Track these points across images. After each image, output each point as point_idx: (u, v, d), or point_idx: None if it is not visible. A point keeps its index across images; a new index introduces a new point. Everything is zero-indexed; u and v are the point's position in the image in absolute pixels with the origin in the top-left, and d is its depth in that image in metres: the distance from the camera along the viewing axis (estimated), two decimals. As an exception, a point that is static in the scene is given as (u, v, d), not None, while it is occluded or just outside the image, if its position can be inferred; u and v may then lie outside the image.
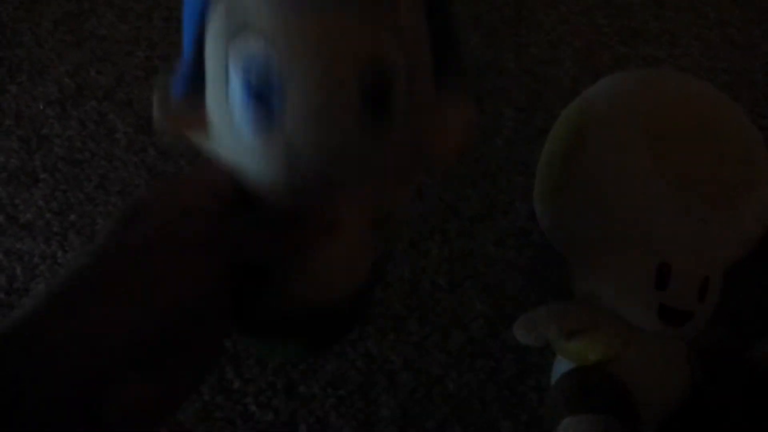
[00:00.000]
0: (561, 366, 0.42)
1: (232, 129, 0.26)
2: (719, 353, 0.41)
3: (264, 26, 0.24)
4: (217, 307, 0.31)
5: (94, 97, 0.57)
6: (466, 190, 0.54)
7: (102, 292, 0.28)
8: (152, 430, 0.30)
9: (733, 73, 0.61)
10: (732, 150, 0.41)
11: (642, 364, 0.40)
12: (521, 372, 0.46)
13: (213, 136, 0.28)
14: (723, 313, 0.41)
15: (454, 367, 0.47)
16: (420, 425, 0.45)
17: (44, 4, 0.63)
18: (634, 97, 0.44)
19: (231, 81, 0.25)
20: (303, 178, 0.27)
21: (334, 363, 0.47)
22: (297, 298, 0.34)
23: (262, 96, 0.25)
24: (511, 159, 0.55)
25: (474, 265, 0.51)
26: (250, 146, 0.26)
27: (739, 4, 0.66)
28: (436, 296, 0.49)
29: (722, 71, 0.62)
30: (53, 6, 0.63)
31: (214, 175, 0.31)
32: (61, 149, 0.55)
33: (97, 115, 0.57)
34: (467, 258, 0.51)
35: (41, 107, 0.57)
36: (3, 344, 0.26)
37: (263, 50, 0.24)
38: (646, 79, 0.46)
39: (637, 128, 0.42)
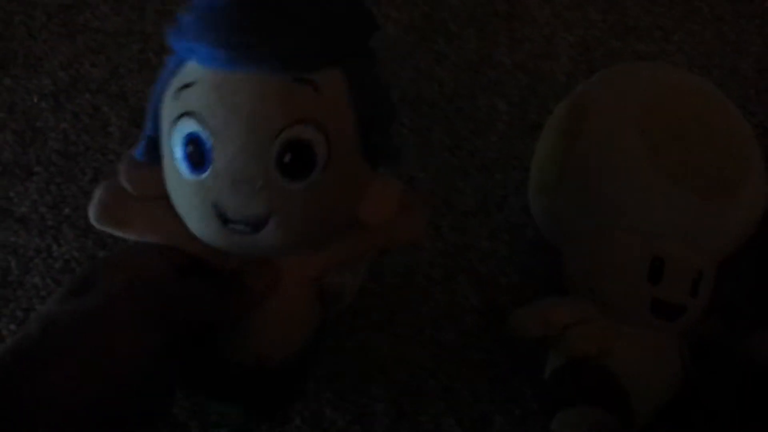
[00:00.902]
0: (554, 360, 0.42)
1: (178, 184, 0.32)
2: (711, 346, 0.42)
3: (200, 108, 0.30)
4: (160, 375, 0.32)
5: (88, 89, 0.57)
6: (459, 184, 0.54)
7: (45, 364, 0.28)
8: None
9: (725, 69, 0.62)
10: (725, 144, 0.42)
11: (634, 358, 0.40)
12: (515, 366, 0.47)
13: (169, 189, 0.33)
14: (715, 306, 0.42)
15: (448, 360, 0.47)
16: (414, 419, 0.45)
17: (37, -4, 0.63)
18: (628, 92, 0.44)
19: (173, 147, 0.31)
20: (233, 233, 0.31)
21: (329, 357, 0.47)
22: (241, 358, 0.36)
23: (198, 161, 0.30)
24: (505, 153, 0.56)
25: (467, 259, 0.51)
26: (191, 199, 0.32)
27: (732, 0, 0.66)
28: (429, 290, 0.50)
29: (714, 67, 0.62)
30: (46, -2, 0.63)
31: (163, 246, 0.34)
32: (56, 142, 0.54)
33: (91, 108, 0.56)
34: (461, 252, 0.51)
35: (35, 100, 0.57)
36: None
37: (198, 126, 0.30)
38: (640, 74, 0.46)
39: (632, 122, 0.42)
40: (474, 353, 0.47)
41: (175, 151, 0.31)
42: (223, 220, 0.31)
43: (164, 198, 0.33)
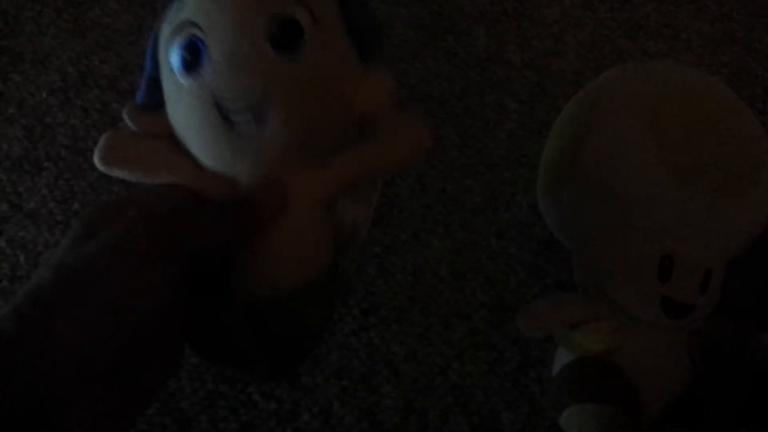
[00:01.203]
0: (562, 357, 0.42)
1: (177, 91, 0.33)
2: (720, 345, 0.42)
3: (191, 16, 0.32)
4: (175, 318, 0.32)
5: (97, 85, 0.57)
6: (468, 182, 0.54)
7: (63, 310, 0.28)
8: None
9: (734, 67, 0.62)
10: (735, 143, 0.41)
11: (643, 355, 0.40)
12: (523, 363, 0.47)
13: (169, 112, 0.34)
14: (724, 305, 0.42)
15: (457, 358, 0.47)
16: (422, 415, 0.45)
17: (46, -8, 0.63)
18: (638, 89, 0.44)
19: (171, 60, 0.32)
20: (232, 119, 0.32)
21: (337, 354, 0.47)
22: (254, 288, 0.35)
23: (193, 63, 0.32)
24: (514, 151, 0.56)
25: (476, 257, 0.51)
26: (188, 100, 0.32)
27: (741, -2, 0.66)
28: (438, 288, 0.50)
29: (723, 65, 0.62)
30: (55, -6, 0.63)
31: (168, 185, 0.34)
32: (65, 138, 0.55)
33: (100, 103, 0.56)
34: (469, 250, 0.51)
35: (44, 96, 0.57)
36: None
37: (191, 32, 0.32)
38: (650, 71, 0.46)
39: (642, 120, 0.42)
40: (483, 351, 0.47)
41: (172, 64, 0.32)
42: (225, 114, 0.32)
43: (170, 137, 0.34)
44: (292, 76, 0.32)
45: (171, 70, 0.32)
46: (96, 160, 0.34)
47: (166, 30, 0.33)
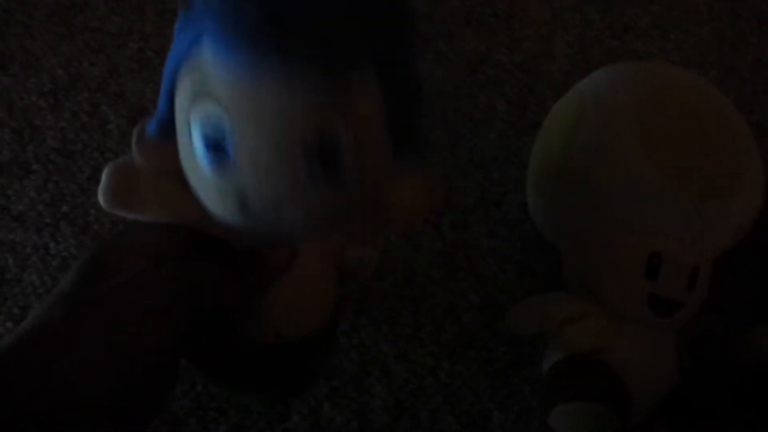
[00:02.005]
0: (552, 355, 0.42)
1: (195, 166, 0.30)
2: (708, 343, 0.42)
3: (219, 93, 0.28)
4: (174, 357, 0.33)
5: (87, 88, 0.57)
6: (458, 182, 0.54)
7: (69, 346, 0.28)
8: None
9: (723, 69, 0.62)
10: (722, 141, 0.42)
11: (632, 353, 0.40)
12: (513, 363, 0.47)
13: (184, 168, 0.31)
14: (712, 303, 0.42)
15: (447, 357, 0.47)
16: (413, 415, 0.45)
17: (36, -5, 0.63)
18: (626, 89, 0.44)
19: (192, 131, 0.29)
20: (253, 219, 0.30)
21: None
22: (261, 336, 0.35)
23: (217, 146, 0.28)
24: (504, 151, 0.56)
25: (467, 256, 0.51)
26: (208, 183, 0.30)
27: (730, 0, 0.67)
28: (429, 288, 0.50)
29: (711, 66, 0.62)
30: (45, -3, 0.63)
31: (172, 225, 0.33)
32: (54, 141, 0.55)
33: (90, 106, 0.56)
34: (460, 250, 0.51)
35: (33, 99, 0.57)
36: None
37: (217, 112, 0.28)
38: (638, 71, 0.47)
39: (629, 119, 0.42)
40: (473, 350, 0.47)
41: (192, 137, 0.29)
42: (244, 206, 0.30)
43: (177, 173, 0.32)
44: (325, 197, 0.29)
45: (189, 134, 0.29)
46: (102, 202, 0.33)
47: (187, 78, 0.29)
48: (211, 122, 0.28)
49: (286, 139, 0.28)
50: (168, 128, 0.31)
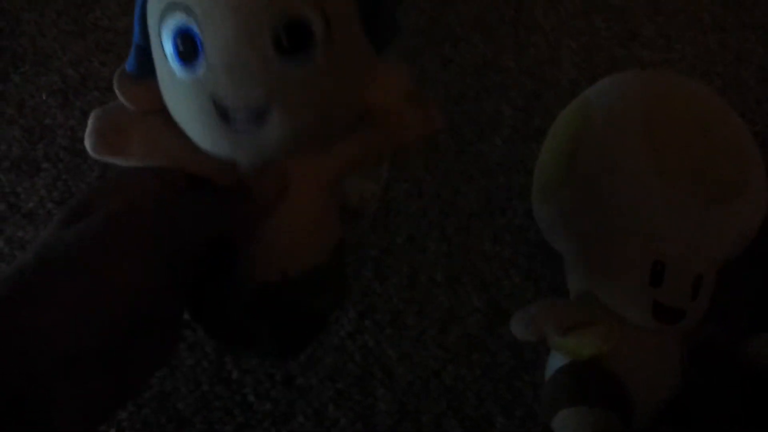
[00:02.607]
0: (555, 361, 0.43)
1: (173, 84, 0.30)
2: (710, 350, 0.42)
3: (183, 1, 0.28)
4: (169, 303, 0.30)
5: (97, 87, 0.58)
6: (464, 187, 0.55)
7: (42, 295, 0.26)
8: (98, 426, 0.30)
9: (727, 78, 0.62)
10: (727, 149, 0.42)
11: (635, 360, 0.40)
12: (517, 367, 0.47)
13: (163, 93, 0.31)
14: (715, 311, 0.42)
15: (451, 361, 0.47)
16: (416, 418, 0.45)
17: (47, -6, 0.63)
18: (632, 97, 0.45)
19: (164, 45, 0.29)
20: (235, 129, 0.30)
21: (333, 356, 0.47)
22: (262, 273, 0.34)
23: (189, 53, 0.29)
24: (510, 157, 0.56)
25: (471, 261, 0.51)
26: (188, 96, 0.30)
27: (734, 9, 0.67)
28: (433, 291, 0.50)
29: (716, 75, 0.63)
30: (56, -4, 0.63)
31: (162, 167, 0.32)
32: (64, 139, 0.55)
33: (100, 105, 0.56)
34: (465, 254, 0.52)
35: (44, 97, 0.57)
36: None
37: (185, 19, 0.28)
38: (644, 80, 0.47)
39: (635, 127, 0.42)
40: (477, 354, 0.48)
41: (166, 49, 0.29)
42: (224, 115, 0.29)
43: (162, 113, 0.31)
44: (299, 82, 0.29)
45: (164, 52, 0.29)
46: (88, 148, 0.32)
47: (153, 3, 0.29)
48: (181, 31, 0.28)
49: (255, 34, 0.28)
50: (146, 63, 0.31)
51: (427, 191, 0.54)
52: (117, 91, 0.32)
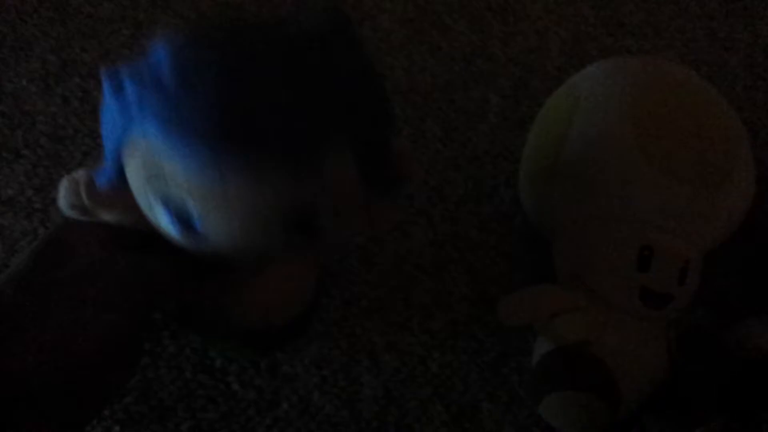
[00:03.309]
0: (542, 347, 0.43)
1: (158, 221, 0.30)
2: (697, 335, 0.42)
3: (178, 181, 0.26)
4: (134, 342, 0.32)
5: (78, 74, 0.57)
6: (451, 174, 0.54)
7: (21, 327, 0.28)
8: None
9: (714, 66, 0.62)
10: (714, 136, 0.42)
11: (622, 344, 0.40)
12: (503, 354, 0.47)
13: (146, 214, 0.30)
14: (702, 296, 0.42)
15: (437, 348, 0.47)
16: (402, 405, 0.45)
17: (28, -20, 0.62)
18: (619, 83, 0.44)
19: (153, 203, 0.28)
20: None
21: (318, 343, 0.47)
22: (247, 320, 0.36)
23: (183, 218, 0.27)
24: (496, 145, 0.56)
25: (458, 248, 0.51)
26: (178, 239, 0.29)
27: (722, -1, 0.67)
28: (419, 278, 0.50)
29: (703, 63, 0.62)
30: (37, -18, 0.62)
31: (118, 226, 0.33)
32: (44, 126, 0.54)
33: (81, 91, 0.56)
34: (451, 241, 0.51)
35: (24, 83, 0.56)
36: None
37: (179, 195, 0.26)
38: (632, 66, 0.47)
39: (623, 114, 0.42)
40: (463, 341, 0.47)
41: (155, 210, 0.28)
42: (215, 252, 0.29)
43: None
44: (300, 247, 0.30)
45: (148, 199, 0.28)
46: (60, 208, 0.32)
47: (135, 160, 0.27)
48: (174, 202, 0.27)
49: (259, 222, 0.27)
50: (119, 181, 0.30)
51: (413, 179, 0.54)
52: (86, 202, 0.31)
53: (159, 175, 0.26)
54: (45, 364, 0.28)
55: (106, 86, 0.27)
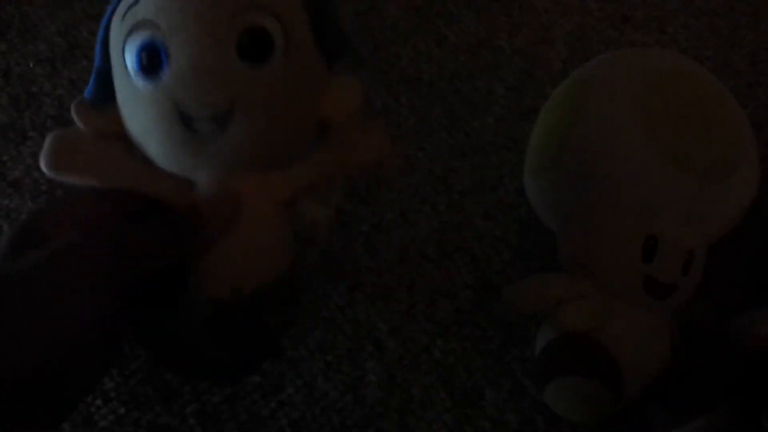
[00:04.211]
0: (545, 335, 0.43)
1: (133, 94, 0.31)
2: (699, 326, 0.42)
3: (149, 16, 0.30)
4: (114, 330, 0.30)
5: (85, 56, 0.57)
6: (456, 164, 0.54)
7: None
8: None
9: (718, 62, 0.63)
10: (720, 127, 0.42)
11: (625, 333, 0.40)
12: (506, 342, 0.47)
13: (123, 112, 0.32)
14: (706, 287, 0.42)
15: (441, 335, 0.47)
16: (406, 391, 0.45)
17: (34, -38, 0.62)
18: (627, 74, 0.45)
19: (126, 61, 0.31)
20: (196, 134, 0.31)
21: (323, 329, 0.47)
22: (214, 291, 0.34)
23: (151, 66, 0.30)
24: (501, 136, 0.56)
25: (462, 237, 0.51)
26: (148, 106, 0.31)
27: (726, -5, 0.67)
28: (424, 266, 0.50)
29: (707, 59, 0.63)
30: (43, -35, 0.62)
31: (116, 189, 0.32)
32: (51, 108, 0.54)
33: (88, 74, 0.55)
34: (456, 230, 0.52)
35: (31, 65, 0.56)
36: None
37: (149, 34, 0.30)
38: (638, 58, 0.47)
39: (630, 105, 0.43)
40: (467, 329, 0.48)
41: (129, 65, 0.30)
42: (187, 121, 0.30)
43: (120, 138, 0.32)
44: (260, 87, 0.31)
45: (126, 70, 0.31)
46: (43, 166, 0.32)
47: (118, 24, 0.31)
48: (145, 45, 0.30)
49: (220, 40, 0.30)
50: (105, 88, 0.32)
51: (419, 168, 0.54)
52: (75, 118, 0.32)
53: (134, 24, 0.30)
54: (23, 352, 0.27)
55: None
